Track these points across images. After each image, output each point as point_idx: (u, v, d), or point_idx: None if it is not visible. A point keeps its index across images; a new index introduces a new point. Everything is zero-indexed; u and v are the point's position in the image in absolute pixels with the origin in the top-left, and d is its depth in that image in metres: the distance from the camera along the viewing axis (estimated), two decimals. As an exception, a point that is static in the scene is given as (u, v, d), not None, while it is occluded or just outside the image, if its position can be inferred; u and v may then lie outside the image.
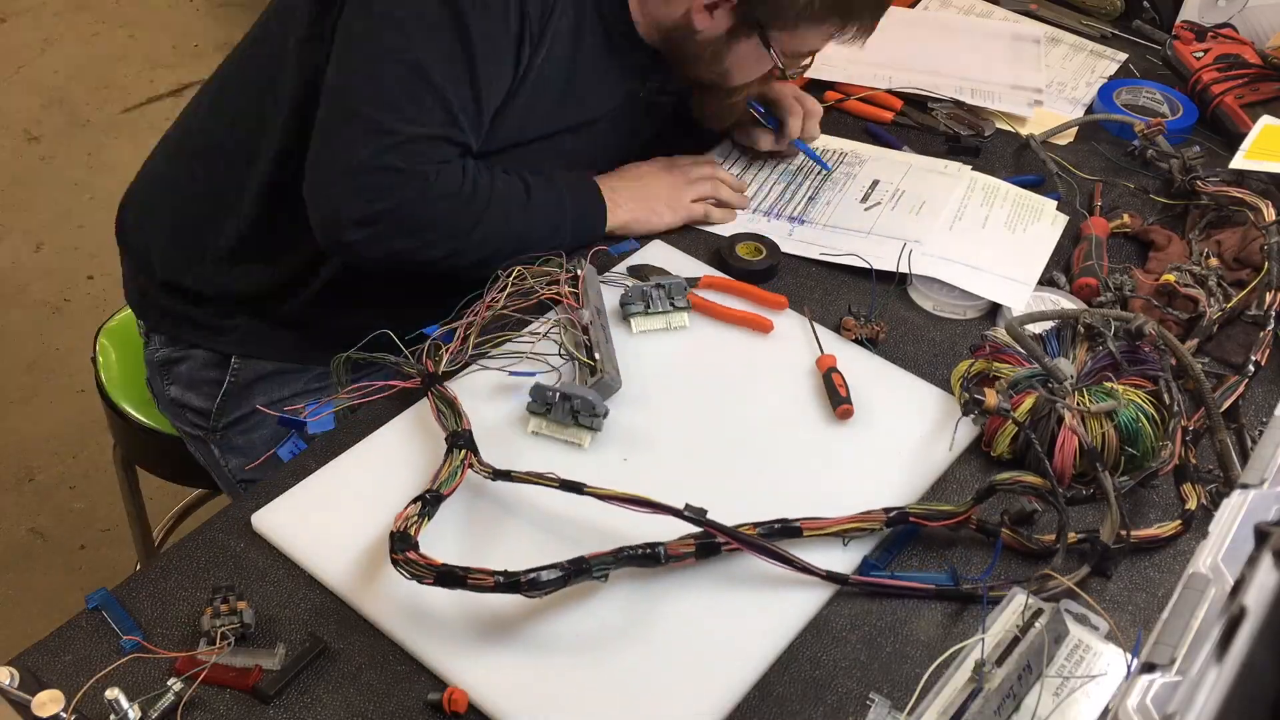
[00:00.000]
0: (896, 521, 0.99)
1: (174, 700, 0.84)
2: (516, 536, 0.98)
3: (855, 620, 0.95)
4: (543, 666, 0.89)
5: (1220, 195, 1.36)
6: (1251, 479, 0.64)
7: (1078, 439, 1.02)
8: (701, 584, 0.95)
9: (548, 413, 1.06)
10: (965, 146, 1.52)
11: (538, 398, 1.06)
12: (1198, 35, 1.69)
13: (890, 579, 0.96)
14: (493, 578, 0.86)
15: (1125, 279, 1.26)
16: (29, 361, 2.50)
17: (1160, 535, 1.01)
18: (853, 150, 1.50)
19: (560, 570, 0.88)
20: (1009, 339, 1.13)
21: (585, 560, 0.89)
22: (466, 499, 1.00)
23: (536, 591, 0.87)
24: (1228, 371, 1.18)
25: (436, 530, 0.95)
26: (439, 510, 0.95)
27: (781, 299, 1.24)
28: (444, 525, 0.97)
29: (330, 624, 0.92)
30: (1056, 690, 0.85)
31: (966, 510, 0.99)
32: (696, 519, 0.92)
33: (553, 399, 1.05)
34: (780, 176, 1.45)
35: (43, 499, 2.29)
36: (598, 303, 1.18)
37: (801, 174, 1.45)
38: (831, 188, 1.43)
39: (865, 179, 1.44)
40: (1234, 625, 0.50)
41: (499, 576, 0.86)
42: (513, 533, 0.98)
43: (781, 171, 1.45)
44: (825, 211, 1.39)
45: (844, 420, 1.11)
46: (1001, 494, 1.01)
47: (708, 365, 1.17)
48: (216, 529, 0.99)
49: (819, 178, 1.44)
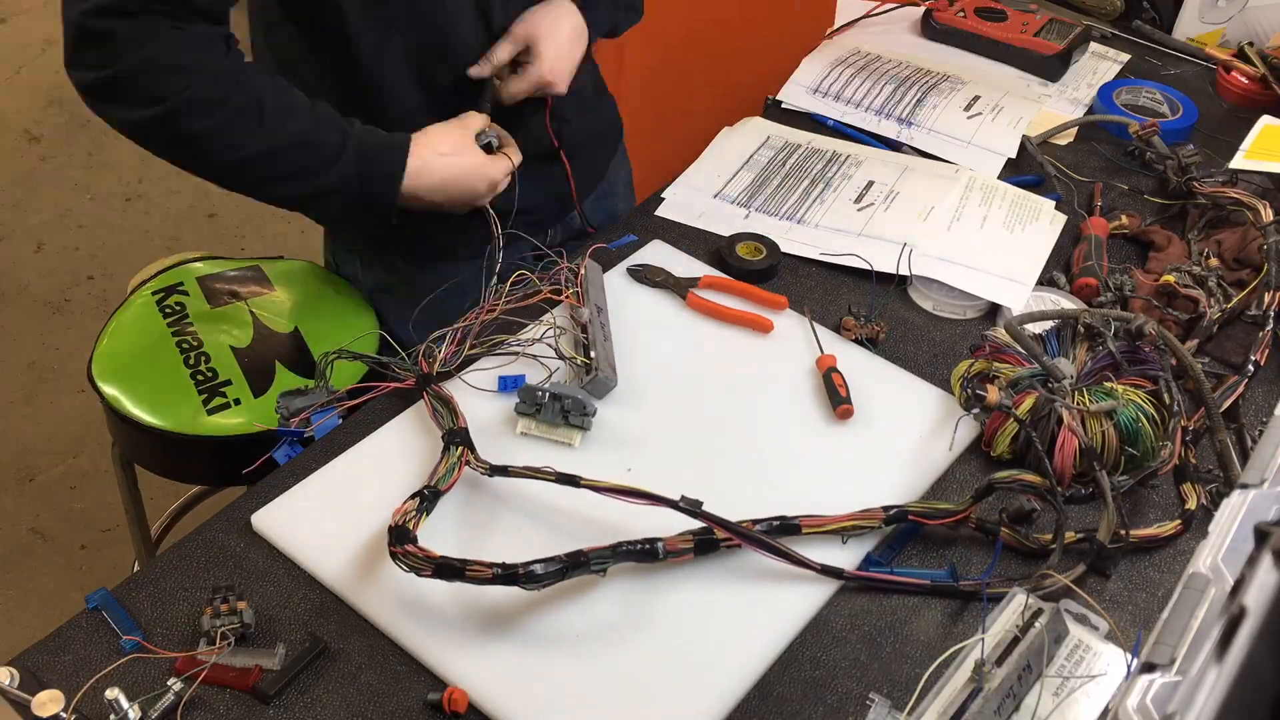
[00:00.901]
0: (896, 519, 0.99)
1: (174, 700, 0.84)
2: (514, 532, 0.98)
3: (855, 620, 0.95)
4: (543, 666, 0.89)
5: (1217, 196, 1.36)
6: (1251, 479, 0.64)
7: (1077, 439, 1.02)
8: (701, 583, 0.95)
9: (537, 413, 1.06)
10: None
11: (526, 399, 1.06)
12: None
13: (889, 574, 0.96)
14: (490, 569, 0.87)
15: (1125, 279, 1.26)
16: (29, 361, 2.50)
17: (1160, 535, 1.01)
18: (851, 152, 1.50)
19: (558, 563, 0.88)
20: (1009, 339, 1.13)
21: (583, 554, 0.89)
22: (464, 495, 1.00)
23: (534, 585, 0.87)
24: (1228, 371, 1.18)
25: (435, 526, 0.96)
26: (437, 505, 0.96)
27: (781, 299, 1.24)
28: (442, 521, 0.97)
29: (330, 624, 0.92)
30: (1056, 690, 0.85)
31: (966, 508, 0.99)
32: (692, 511, 0.93)
33: (542, 399, 1.05)
34: (776, 175, 1.45)
35: (43, 499, 2.30)
36: (599, 300, 1.18)
37: (799, 173, 1.45)
38: (826, 188, 1.43)
39: (861, 179, 1.44)
40: (1234, 625, 0.50)
41: (496, 569, 0.87)
42: (510, 528, 0.99)
43: (778, 170, 1.45)
44: (819, 211, 1.39)
45: (844, 420, 1.11)
46: (1001, 493, 1.01)
47: (707, 365, 1.17)
48: (216, 529, 0.99)
49: (815, 177, 1.44)
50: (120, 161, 3.10)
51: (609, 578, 0.94)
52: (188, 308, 1.48)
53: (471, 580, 0.87)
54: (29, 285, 2.70)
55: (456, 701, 0.85)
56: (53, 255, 2.82)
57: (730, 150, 1.49)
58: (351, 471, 1.03)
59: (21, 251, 2.83)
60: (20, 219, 2.93)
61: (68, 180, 3.07)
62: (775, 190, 1.43)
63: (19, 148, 3.18)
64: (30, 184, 3.06)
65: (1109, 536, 0.97)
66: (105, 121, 1.11)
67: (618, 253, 1.30)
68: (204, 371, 1.41)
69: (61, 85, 3.68)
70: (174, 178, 3.09)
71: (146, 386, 1.41)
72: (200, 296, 1.50)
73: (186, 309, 1.48)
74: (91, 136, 3.21)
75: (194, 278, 1.53)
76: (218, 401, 1.37)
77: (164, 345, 1.44)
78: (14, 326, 2.59)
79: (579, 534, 0.97)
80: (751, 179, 1.44)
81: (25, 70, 3.47)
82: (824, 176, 1.45)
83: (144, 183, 3.03)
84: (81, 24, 1.04)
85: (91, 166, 3.12)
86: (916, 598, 0.97)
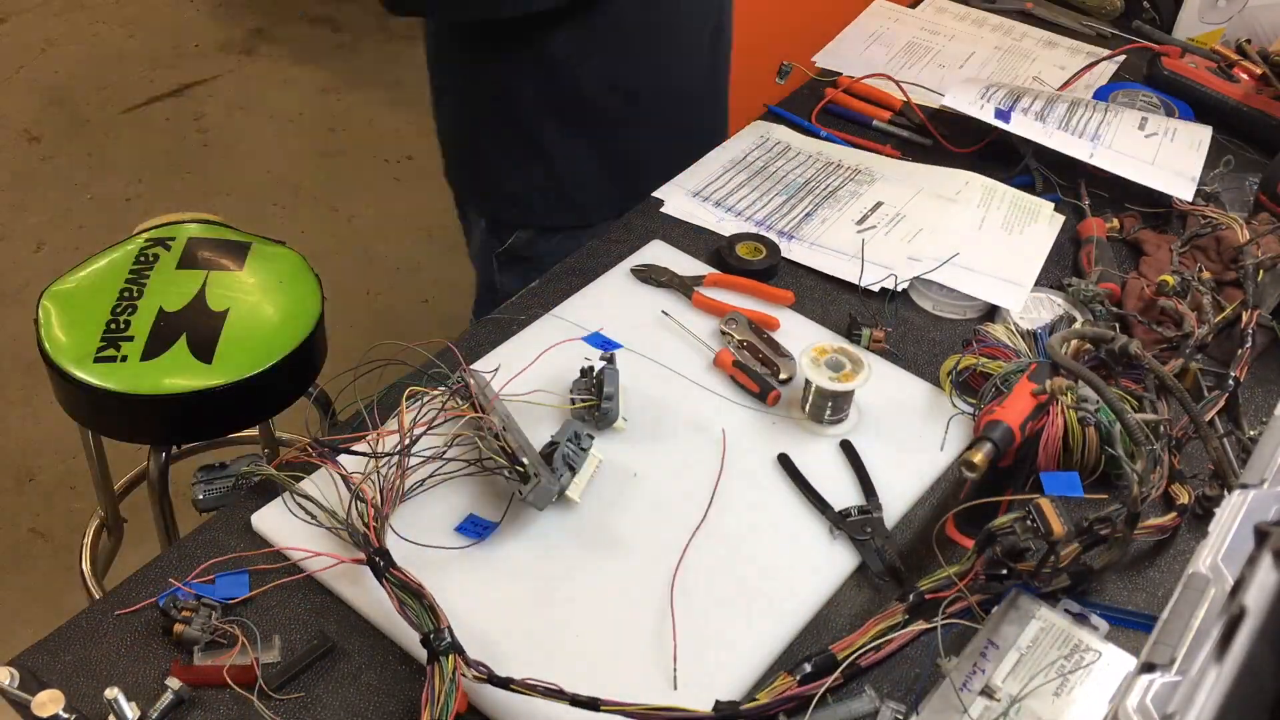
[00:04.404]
0: (915, 607, 0.94)
1: (173, 700, 0.84)
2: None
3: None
4: (544, 667, 0.89)
5: (1194, 213, 1.36)
6: (1251, 479, 0.64)
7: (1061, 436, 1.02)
8: (701, 587, 0.95)
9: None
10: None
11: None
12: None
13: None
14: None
15: (1189, 276, 1.23)
16: (29, 361, 2.50)
17: (1162, 525, 1.01)
18: (869, 166, 1.47)
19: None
20: (1000, 336, 1.13)
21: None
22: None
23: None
24: (1224, 370, 1.18)
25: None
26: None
27: (788, 294, 1.24)
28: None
29: (330, 624, 0.92)
30: (1056, 690, 0.85)
31: (972, 566, 0.95)
32: (728, 715, 0.85)
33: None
34: (783, 189, 1.43)
35: (43, 499, 2.30)
36: (497, 404, 1.06)
37: (805, 189, 1.43)
38: (833, 205, 1.40)
39: (870, 199, 1.41)
40: (1234, 625, 0.50)
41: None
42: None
43: (787, 184, 1.44)
44: (817, 230, 1.36)
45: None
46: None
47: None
48: (216, 529, 0.99)
49: (823, 193, 1.42)
50: (120, 161, 3.10)
51: (611, 580, 0.95)
52: (159, 261, 1.55)
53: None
54: (29, 285, 2.70)
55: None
56: (53, 255, 2.82)
57: (730, 153, 1.49)
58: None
59: (21, 251, 2.83)
60: (20, 219, 2.93)
61: (68, 180, 3.07)
62: (772, 199, 1.42)
63: (19, 148, 3.18)
64: (30, 184, 3.06)
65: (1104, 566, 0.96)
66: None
67: (617, 253, 1.30)
68: (120, 323, 1.48)
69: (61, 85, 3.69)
70: (174, 178, 3.09)
71: (68, 319, 1.49)
72: (177, 255, 1.57)
73: (157, 262, 1.55)
74: (91, 136, 3.21)
75: (186, 237, 1.60)
76: (108, 352, 1.44)
77: (109, 289, 1.52)
78: (14, 326, 2.59)
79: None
80: (748, 182, 1.44)
81: (25, 70, 3.47)
82: (829, 188, 1.43)
83: (144, 183, 3.04)
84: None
85: (91, 166, 3.12)
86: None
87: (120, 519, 1.86)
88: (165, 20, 3.71)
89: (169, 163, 3.10)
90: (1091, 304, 1.24)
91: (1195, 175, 1.41)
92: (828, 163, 1.48)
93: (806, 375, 1.08)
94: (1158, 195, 1.39)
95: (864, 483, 1.05)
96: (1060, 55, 1.77)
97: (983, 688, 0.84)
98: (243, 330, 1.48)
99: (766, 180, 1.45)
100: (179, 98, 3.40)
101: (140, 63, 3.52)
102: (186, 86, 3.44)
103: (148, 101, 3.37)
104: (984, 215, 1.38)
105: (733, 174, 1.45)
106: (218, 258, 1.57)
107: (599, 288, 1.26)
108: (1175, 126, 1.51)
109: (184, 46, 3.61)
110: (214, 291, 1.52)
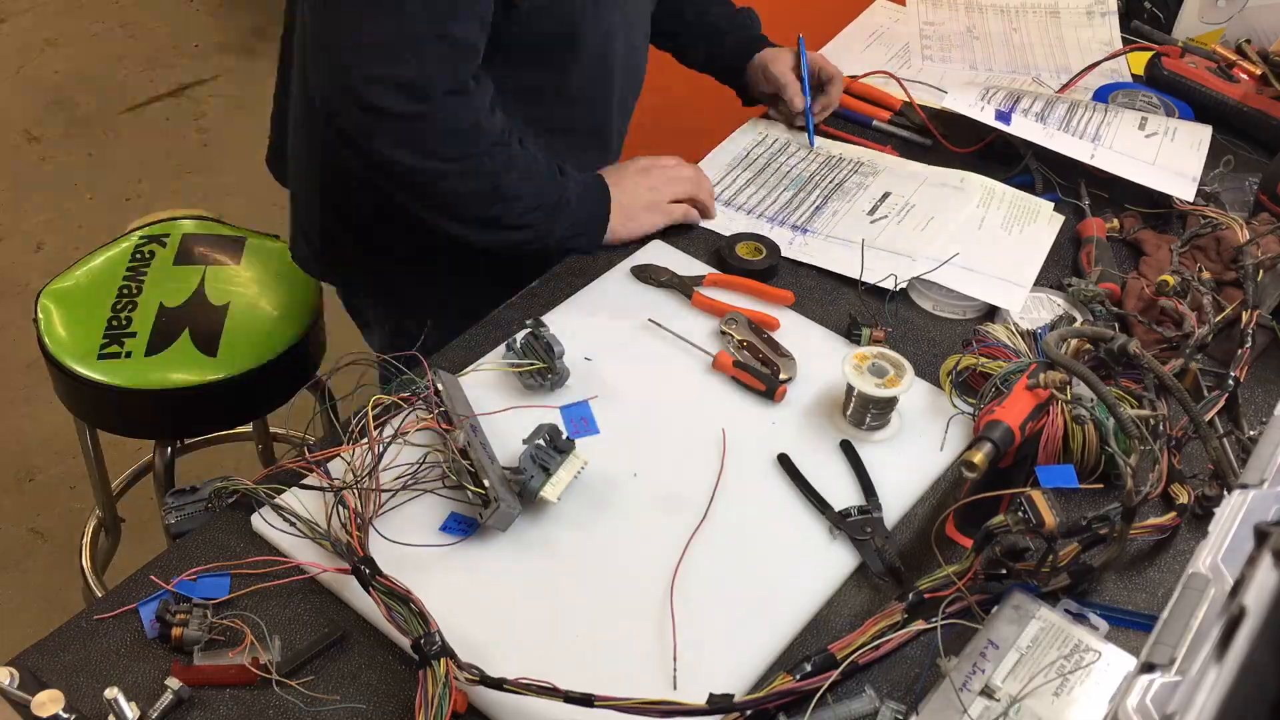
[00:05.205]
0: (914, 606, 0.94)
1: (173, 700, 0.84)
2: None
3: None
4: (545, 667, 0.89)
5: (1194, 213, 1.36)
6: (1251, 479, 0.64)
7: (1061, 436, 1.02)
8: (701, 587, 0.96)
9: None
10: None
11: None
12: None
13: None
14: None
15: (1189, 276, 1.23)
16: (29, 361, 2.50)
17: (1161, 524, 1.01)
18: (870, 160, 1.49)
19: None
20: (1000, 336, 1.13)
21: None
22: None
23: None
24: (1224, 370, 1.18)
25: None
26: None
27: (788, 294, 1.24)
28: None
29: (330, 624, 0.92)
30: (1056, 690, 0.85)
31: (971, 565, 0.95)
32: (724, 708, 0.85)
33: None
34: (790, 184, 1.44)
35: (43, 499, 2.29)
36: (467, 412, 1.03)
37: (811, 183, 1.44)
38: (841, 197, 1.41)
39: (877, 190, 1.42)
40: (1234, 625, 0.50)
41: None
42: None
43: (793, 179, 1.44)
44: (830, 222, 1.37)
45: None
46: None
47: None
48: (217, 529, 0.99)
49: (830, 186, 1.43)
50: (120, 161, 3.10)
51: (612, 580, 0.95)
52: (156, 258, 1.57)
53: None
54: (29, 285, 2.70)
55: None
56: (53, 255, 2.82)
57: (731, 152, 1.49)
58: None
59: (21, 251, 2.83)
60: (20, 219, 2.93)
61: (68, 180, 3.07)
62: (780, 194, 1.42)
63: (19, 148, 3.18)
64: (30, 184, 3.06)
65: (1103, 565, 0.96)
66: (369, 154, 1.16)
67: (616, 253, 1.30)
68: (121, 319, 1.49)
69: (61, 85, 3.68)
70: (174, 178, 3.09)
71: (69, 317, 1.50)
72: (173, 251, 1.58)
73: (154, 259, 1.57)
74: (91, 136, 3.21)
75: (181, 233, 1.61)
76: (112, 349, 1.45)
77: (109, 286, 1.53)
78: (14, 326, 2.59)
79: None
80: (755, 179, 1.44)
81: (25, 70, 3.47)
82: (835, 184, 1.44)
83: (144, 183, 3.03)
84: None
85: (91, 167, 3.11)
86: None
87: (118, 518, 1.86)
88: (165, 20, 3.71)
89: (169, 163, 3.09)
90: (1091, 304, 1.24)
91: (1195, 175, 1.41)
92: (829, 156, 1.49)
93: (850, 382, 1.07)
94: (1158, 195, 1.39)
95: (864, 483, 1.05)
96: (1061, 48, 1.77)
97: (982, 688, 0.84)
98: (244, 323, 1.49)
99: (773, 176, 1.45)
100: (179, 98, 3.39)
101: (140, 63, 3.52)
102: (186, 86, 3.44)
103: (148, 101, 3.37)
104: (984, 215, 1.38)
105: (737, 172, 1.45)
106: (214, 253, 1.58)
107: (598, 288, 1.26)
108: (1175, 126, 1.51)
109: (184, 46, 3.61)
110: (213, 286, 1.54)
